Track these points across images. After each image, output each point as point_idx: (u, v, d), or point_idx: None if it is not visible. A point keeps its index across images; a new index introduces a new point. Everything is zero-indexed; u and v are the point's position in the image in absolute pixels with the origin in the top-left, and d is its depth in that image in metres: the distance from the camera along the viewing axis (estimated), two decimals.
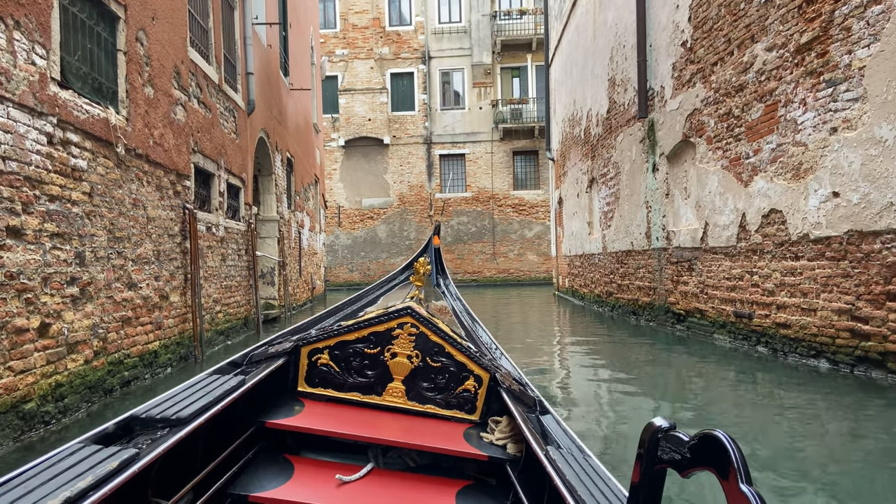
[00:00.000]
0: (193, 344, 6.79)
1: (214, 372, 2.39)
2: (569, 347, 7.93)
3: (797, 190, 5.72)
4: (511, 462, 2.15)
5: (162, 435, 1.67)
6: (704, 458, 0.91)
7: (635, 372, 6.14)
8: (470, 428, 2.40)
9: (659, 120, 8.69)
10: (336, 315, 3.86)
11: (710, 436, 0.90)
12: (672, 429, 0.99)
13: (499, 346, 3.60)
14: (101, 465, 1.41)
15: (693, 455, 0.94)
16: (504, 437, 2.27)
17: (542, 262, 24.84)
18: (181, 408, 1.82)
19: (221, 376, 2.27)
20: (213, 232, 7.84)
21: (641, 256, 9.57)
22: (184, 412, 1.78)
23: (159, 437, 1.65)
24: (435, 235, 6.07)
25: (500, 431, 2.30)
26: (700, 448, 0.92)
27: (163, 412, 1.78)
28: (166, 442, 1.61)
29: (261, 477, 2.10)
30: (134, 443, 1.63)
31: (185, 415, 1.77)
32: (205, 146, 7.54)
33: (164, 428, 1.71)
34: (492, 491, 2.17)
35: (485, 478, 2.27)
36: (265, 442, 2.32)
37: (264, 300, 11.73)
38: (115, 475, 1.39)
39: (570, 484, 1.55)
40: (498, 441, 2.26)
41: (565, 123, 15.30)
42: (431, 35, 25.65)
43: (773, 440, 3.75)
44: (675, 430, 0.99)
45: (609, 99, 10.92)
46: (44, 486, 1.30)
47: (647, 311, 9.39)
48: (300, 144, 15.19)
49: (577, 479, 1.59)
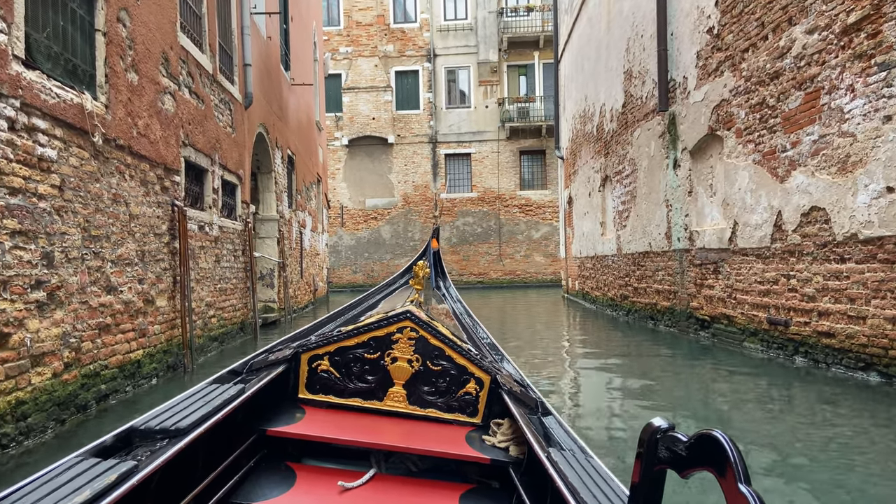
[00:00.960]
0: (182, 351, 6.29)
1: (214, 381, 2.36)
2: (582, 355, 7.40)
3: (844, 185, 5.19)
4: (514, 464, 2.13)
5: (161, 446, 1.64)
6: (703, 458, 0.90)
7: (657, 383, 5.61)
8: (472, 431, 2.39)
9: (681, 113, 8.16)
10: (336, 320, 3.79)
11: (707, 436, 0.89)
12: (671, 429, 0.98)
13: (499, 347, 3.52)
14: (99, 478, 1.38)
15: (691, 455, 0.93)
16: (506, 439, 2.25)
17: (550, 263, 24.33)
18: (180, 418, 1.80)
19: (221, 385, 2.25)
20: (206, 231, 7.35)
21: (661, 258, 9.04)
22: (183, 422, 1.76)
23: (159, 449, 1.63)
24: (433, 238, 5.92)
25: (501, 434, 2.28)
26: (698, 448, 0.91)
27: (162, 423, 1.75)
28: (166, 453, 1.59)
29: (263, 485, 2.09)
30: (133, 455, 1.61)
31: (185, 425, 1.75)
32: (197, 139, 7.04)
33: (164, 439, 1.69)
34: (495, 494, 2.15)
35: (487, 481, 2.25)
36: (267, 450, 2.30)
37: (263, 303, 11.24)
38: (113, 488, 1.37)
39: (572, 486, 1.55)
40: (500, 444, 2.24)
41: (576, 120, 14.77)
42: (437, 32, 25.18)
43: (827, 464, 3.22)
44: (673, 430, 0.98)
45: (625, 92, 10.39)
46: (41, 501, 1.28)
47: (667, 316, 8.85)
48: (302, 142, 14.71)
49: (579, 480, 1.58)
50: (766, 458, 3.41)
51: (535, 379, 5.61)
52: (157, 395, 5.31)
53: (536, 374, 6.00)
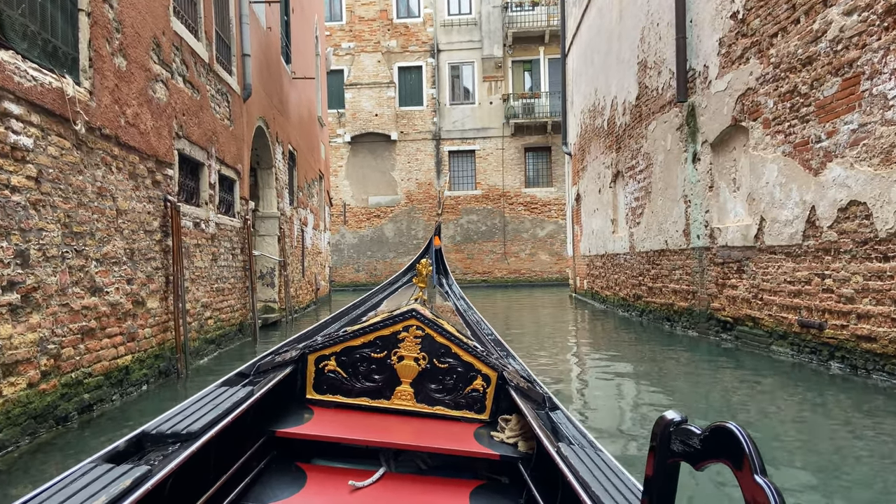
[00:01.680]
0: (176, 356, 5.92)
1: (222, 384, 2.35)
2: (596, 358, 7.00)
3: (888, 178, 4.79)
4: (523, 460, 2.13)
5: (173, 450, 1.65)
6: (717, 451, 0.88)
7: (677, 388, 5.23)
8: (480, 427, 2.40)
9: (701, 103, 7.76)
10: (341, 320, 3.77)
11: (722, 428, 0.87)
12: (684, 422, 0.96)
13: (504, 343, 3.49)
14: (113, 483, 1.39)
15: (705, 447, 0.90)
16: (514, 435, 2.25)
17: (555, 262, 23.94)
18: (191, 422, 1.80)
19: (230, 388, 2.24)
20: (201, 228, 6.97)
21: (678, 256, 8.64)
22: (194, 426, 1.76)
23: (171, 453, 1.63)
24: (436, 236, 5.85)
25: (510, 430, 2.28)
26: (712, 440, 0.89)
27: (173, 427, 1.75)
28: (178, 457, 1.59)
29: (274, 486, 2.09)
30: (146, 459, 1.60)
31: (196, 428, 1.75)
32: (192, 131, 6.67)
33: (175, 443, 1.69)
34: (505, 489, 2.16)
35: (497, 477, 2.25)
36: (276, 451, 2.31)
37: (263, 303, 10.87)
38: (128, 493, 1.37)
39: (583, 480, 1.54)
40: (509, 439, 2.24)
41: (584, 115, 14.37)
42: (440, 27, 24.77)
43: (871, 485, 2.83)
44: (686, 423, 0.96)
45: (639, 84, 9.99)
46: None
47: (685, 317, 8.46)
48: (303, 137, 14.33)
49: (590, 474, 1.57)
50: (804, 474, 3.03)
51: (549, 383, 5.23)
52: (148, 403, 4.94)
53: (548, 376, 5.62)
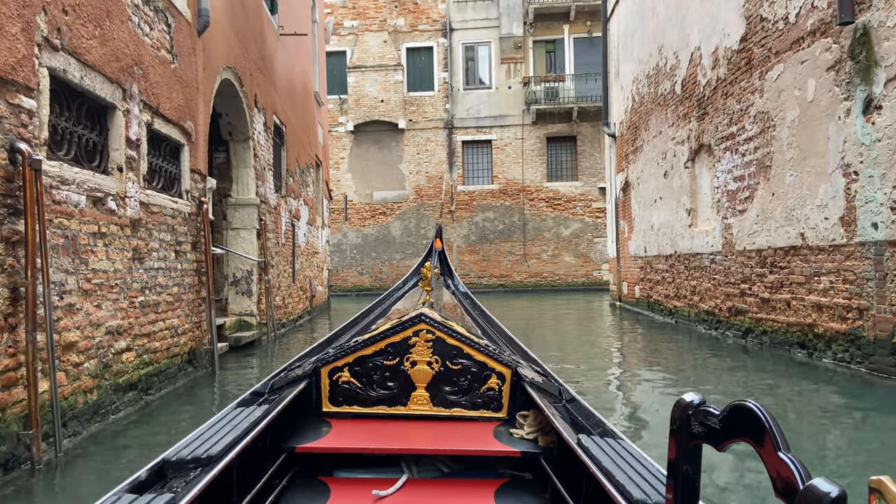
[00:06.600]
0: (28, 433, 3.27)
1: (238, 405, 2.29)
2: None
3: None
4: (544, 454, 2.13)
5: (195, 475, 1.63)
6: (738, 430, 0.87)
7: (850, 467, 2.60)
8: (499, 426, 2.39)
9: (885, 21, 5.11)
10: (351, 330, 3.61)
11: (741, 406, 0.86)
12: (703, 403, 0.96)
13: (516, 339, 3.35)
14: None
15: (726, 428, 0.90)
16: (534, 430, 2.24)
17: (581, 264, 21.34)
18: (210, 445, 1.77)
19: (245, 408, 2.19)
20: (109, 208, 4.33)
21: (827, 256, 5.95)
22: (214, 449, 1.74)
23: (192, 479, 1.61)
24: (437, 238, 5.78)
25: (529, 425, 2.27)
26: (732, 420, 0.88)
27: (193, 452, 1.73)
28: (200, 482, 1.58)
29: (298, 502, 2.07)
30: (168, 487, 1.58)
31: (216, 451, 1.73)
32: (87, 47, 4.04)
33: (197, 468, 1.67)
34: (529, 486, 2.17)
35: (520, 473, 2.25)
36: (298, 467, 2.29)
37: (236, 317, 8.23)
38: None
39: (606, 469, 1.55)
40: (528, 435, 2.23)
41: (639, 84, 11.71)
42: (453, 4, 22.23)
43: None
44: (705, 404, 0.96)
45: (746, 19, 7.31)
46: None
47: (840, 343, 5.77)
48: (296, 112, 11.73)
49: (612, 464, 1.58)
50: None
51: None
52: None
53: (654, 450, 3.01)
